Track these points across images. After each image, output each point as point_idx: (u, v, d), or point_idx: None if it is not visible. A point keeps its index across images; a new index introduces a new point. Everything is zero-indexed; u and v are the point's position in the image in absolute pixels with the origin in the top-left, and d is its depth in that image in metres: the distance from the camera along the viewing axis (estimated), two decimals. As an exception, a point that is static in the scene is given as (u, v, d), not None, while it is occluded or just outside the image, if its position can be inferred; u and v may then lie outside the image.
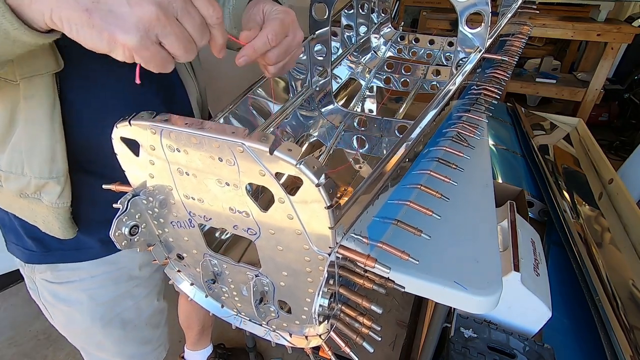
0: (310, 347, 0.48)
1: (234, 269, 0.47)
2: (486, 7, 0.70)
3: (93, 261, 0.71)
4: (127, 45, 0.35)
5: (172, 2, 0.36)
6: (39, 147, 0.53)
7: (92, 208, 0.65)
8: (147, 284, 0.82)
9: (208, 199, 0.42)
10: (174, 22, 0.37)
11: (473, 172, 0.81)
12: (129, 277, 0.77)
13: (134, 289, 0.79)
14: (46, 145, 0.53)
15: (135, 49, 0.36)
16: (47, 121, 0.52)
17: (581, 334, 0.99)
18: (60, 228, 0.61)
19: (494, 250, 0.63)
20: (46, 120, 0.52)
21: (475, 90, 0.88)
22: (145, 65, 0.38)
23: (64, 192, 0.58)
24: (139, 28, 0.35)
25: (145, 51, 0.37)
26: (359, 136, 0.84)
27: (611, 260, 1.15)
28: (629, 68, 3.02)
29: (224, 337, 1.57)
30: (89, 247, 0.69)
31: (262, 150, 0.33)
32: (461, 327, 0.87)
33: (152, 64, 0.38)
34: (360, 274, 0.40)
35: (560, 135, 1.88)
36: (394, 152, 0.52)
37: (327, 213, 0.34)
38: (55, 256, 0.69)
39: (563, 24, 2.58)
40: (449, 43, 1.22)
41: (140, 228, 0.47)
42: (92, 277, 0.72)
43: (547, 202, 1.37)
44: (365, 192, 0.45)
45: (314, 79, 0.80)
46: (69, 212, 0.60)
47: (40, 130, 0.53)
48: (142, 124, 0.38)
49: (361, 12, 1.13)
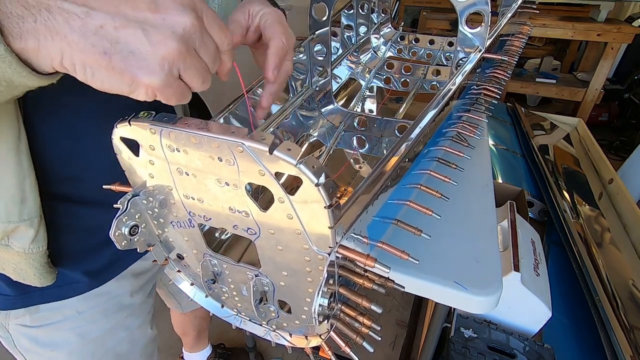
0: (310, 347, 0.48)
1: (234, 269, 0.47)
2: (486, 7, 0.70)
3: (80, 296, 0.63)
4: (152, 85, 0.34)
5: (191, 34, 0.34)
6: (4, 186, 0.46)
7: (72, 237, 0.59)
8: (140, 312, 0.76)
9: (208, 199, 0.42)
10: (193, 54, 0.35)
11: (473, 172, 0.81)
12: (120, 306, 0.71)
13: (126, 319, 0.73)
14: (13, 184, 0.46)
15: (159, 88, 0.34)
16: (12, 155, 0.45)
17: (581, 334, 0.99)
18: (36, 275, 0.54)
19: (494, 250, 0.63)
20: (11, 154, 0.45)
21: (475, 90, 0.88)
22: (166, 100, 0.36)
23: (39, 234, 0.51)
24: (163, 67, 0.33)
25: (169, 88, 0.35)
26: (359, 136, 0.84)
27: (611, 260, 1.15)
28: (629, 68, 3.02)
29: (224, 337, 1.57)
30: (75, 282, 0.62)
31: (261, 150, 0.33)
32: (461, 327, 0.87)
33: (173, 98, 0.36)
34: (360, 273, 0.40)
35: (560, 135, 1.88)
36: (393, 152, 0.52)
37: (327, 213, 0.34)
38: (34, 298, 0.60)
39: (563, 24, 2.58)
40: (449, 43, 1.22)
41: (140, 228, 0.47)
42: (79, 313, 0.65)
43: (547, 202, 1.37)
44: (365, 192, 0.45)
45: (314, 79, 0.80)
46: (45, 256, 0.53)
47: (5, 167, 0.45)
48: (141, 124, 0.38)
49: (361, 12, 1.13)
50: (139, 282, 0.74)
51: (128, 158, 0.43)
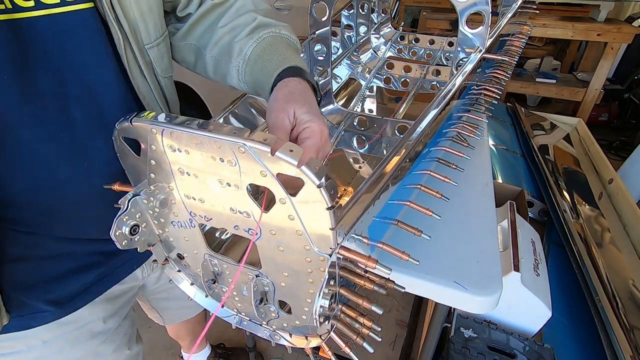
0: (310, 347, 0.48)
1: (234, 269, 0.47)
2: (486, 7, 0.70)
3: (45, 325, 0.59)
4: None
5: None
6: None
7: (36, 266, 0.56)
8: (115, 337, 0.71)
9: (209, 199, 0.42)
10: None
11: (473, 172, 0.81)
12: (91, 334, 0.66)
13: (98, 347, 0.68)
14: None
15: None
16: None
17: (581, 334, 0.99)
18: None
19: (494, 250, 0.63)
20: None
21: (475, 90, 0.88)
22: None
23: None
24: None
25: None
26: (359, 136, 0.84)
27: (611, 260, 1.15)
28: (629, 68, 3.02)
29: (224, 337, 1.57)
30: (39, 311, 0.58)
31: (263, 150, 0.33)
32: (461, 327, 0.87)
33: None
34: (361, 274, 0.40)
35: (560, 135, 1.88)
36: (394, 153, 0.52)
37: (329, 214, 0.34)
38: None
39: (563, 24, 2.57)
40: (449, 43, 1.22)
41: (141, 228, 0.47)
42: (44, 342, 0.61)
43: (547, 202, 1.37)
44: (365, 192, 0.45)
45: (314, 78, 0.80)
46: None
47: None
48: (143, 124, 0.38)
49: (361, 12, 1.13)
50: (113, 306, 0.69)
51: (129, 157, 0.43)
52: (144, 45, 0.55)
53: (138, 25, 0.53)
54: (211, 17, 0.61)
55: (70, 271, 0.60)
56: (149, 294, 0.84)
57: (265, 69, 0.56)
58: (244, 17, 0.61)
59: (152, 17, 0.54)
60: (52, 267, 0.59)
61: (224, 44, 0.60)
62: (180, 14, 0.62)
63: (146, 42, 0.55)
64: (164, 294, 0.85)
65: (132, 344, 0.78)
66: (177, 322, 1.04)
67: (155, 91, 0.60)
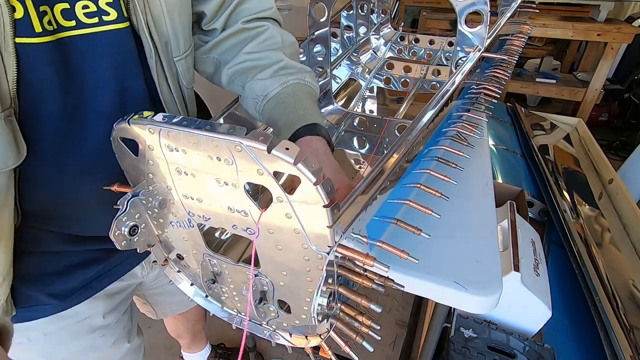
0: (310, 347, 0.48)
1: (233, 268, 0.47)
2: (485, 6, 0.70)
3: (46, 318, 0.61)
4: None
5: None
6: None
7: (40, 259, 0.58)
8: (114, 331, 0.73)
9: (207, 199, 0.42)
10: None
11: (473, 172, 0.81)
12: (91, 328, 0.68)
13: (98, 340, 0.70)
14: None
15: None
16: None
17: (581, 334, 0.99)
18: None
19: (494, 250, 0.63)
20: None
21: (475, 90, 0.88)
22: None
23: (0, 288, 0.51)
24: None
25: None
26: (359, 136, 0.84)
27: (611, 260, 1.14)
28: (629, 68, 3.02)
29: (224, 337, 1.57)
30: (41, 304, 0.60)
31: (260, 149, 0.33)
32: (461, 327, 0.87)
33: None
34: (360, 273, 0.40)
35: (560, 135, 1.88)
36: (393, 152, 0.52)
37: (326, 212, 0.34)
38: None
39: (563, 24, 2.58)
40: (449, 43, 1.22)
41: (140, 228, 0.47)
42: (45, 335, 0.63)
43: (547, 202, 1.37)
44: (364, 191, 0.45)
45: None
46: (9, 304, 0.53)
47: None
48: (140, 124, 0.38)
49: (361, 12, 1.13)
50: (112, 302, 0.71)
51: (127, 158, 0.43)
52: (172, 58, 0.57)
53: (170, 40, 0.55)
54: (238, 38, 0.63)
55: (72, 266, 0.62)
56: (145, 289, 0.86)
57: (287, 117, 0.57)
58: (271, 54, 0.62)
59: (183, 32, 0.57)
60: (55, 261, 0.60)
61: (243, 68, 0.62)
62: (206, 28, 0.63)
63: (175, 54, 0.57)
64: (159, 289, 0.87)
65: (133, 337, 0.79)
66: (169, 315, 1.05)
67: (179, 102, 0.62)
